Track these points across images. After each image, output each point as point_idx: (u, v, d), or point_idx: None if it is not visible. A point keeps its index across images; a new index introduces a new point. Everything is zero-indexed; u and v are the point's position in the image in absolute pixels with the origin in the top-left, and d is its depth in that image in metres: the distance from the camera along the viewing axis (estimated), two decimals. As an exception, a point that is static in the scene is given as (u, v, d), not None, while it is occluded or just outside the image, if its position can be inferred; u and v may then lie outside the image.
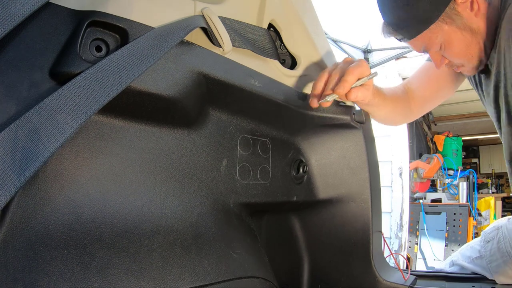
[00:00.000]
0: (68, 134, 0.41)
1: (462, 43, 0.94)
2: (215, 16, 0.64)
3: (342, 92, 0.78)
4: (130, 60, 0.48)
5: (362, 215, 0.94)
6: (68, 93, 0.43)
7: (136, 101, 0.54)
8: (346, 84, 0.78)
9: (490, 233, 1.14)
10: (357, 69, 0.79)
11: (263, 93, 0.74)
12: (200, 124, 0.68)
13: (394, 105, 1.08)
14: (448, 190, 4.36)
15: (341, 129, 0.95)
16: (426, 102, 1.21)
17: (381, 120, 1.10)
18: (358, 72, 0.79)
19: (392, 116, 1.13)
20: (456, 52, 0.96)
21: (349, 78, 0.78)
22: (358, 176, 0.95)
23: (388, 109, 1.06)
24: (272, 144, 0.85)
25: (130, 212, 0.55)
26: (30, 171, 0.38)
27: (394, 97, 1.10)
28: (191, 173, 0.66)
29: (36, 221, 0.45)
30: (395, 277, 0.97)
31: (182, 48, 0.60)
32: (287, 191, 0.88)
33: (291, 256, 1.00)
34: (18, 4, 0.39)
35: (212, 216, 0.67)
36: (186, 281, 0.57)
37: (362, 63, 0.81)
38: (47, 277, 0.44)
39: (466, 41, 0.94)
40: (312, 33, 0.90)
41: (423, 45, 0.97)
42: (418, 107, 1.19)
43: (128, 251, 0.52)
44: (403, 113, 1.17)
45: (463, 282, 1.11)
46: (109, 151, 0.54)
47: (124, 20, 0.52)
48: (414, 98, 1.17)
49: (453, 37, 0.93)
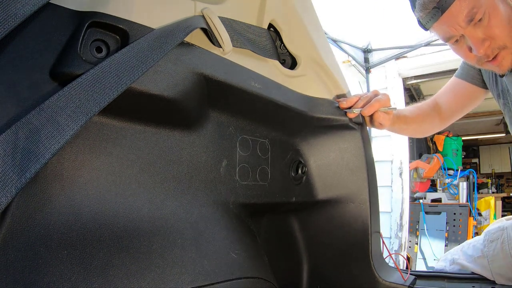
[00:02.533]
0: (68, 136, 0.41)
1: (506, 16, 0.89)
2: (215, 17, 0.64)
3: (367, 112, 0.97)
4: (131, 62, 0.48)
5: (361, 216, 0.94)
6: (68, 95, 0.43)
7: (136, 102, 0.55)
8: (372, 108, 0.96)
9: (495, 233, 1.13)
10: (383, 100, 0.98)
11: (262, 94, 0.74)
12: (200, 125, 0.68)
13: (419, 123, 1.26)
14: (448, 190, 4.36)
15: (339, 130, 0.95)
16: (452, 116, 1.32)
17: (408, 135, 1.28)
18: (383, 102, 0.98)
19: (418, 132, 1.34)
20: (500, 25, 0.89)
21: (375, 104, 0.97)
22: (356, 176, 0.95)
23: (412, 128, 1.25)
24: (271, 145, 0.85)
25: (130, 212, 0.55)
26: (31, 172, 0.38)
27: (420, 115, 1.26)
28: (191, 174, 0.66)
29: (36, 221, 0.45)
30: (394, 277, 0.97)
31: (182, 49, 0.60)
32: (286, 192, 0.88)
33: (290, 256, 1.00)
34: (18, 4, 0.39)
35: (211, 217, 0.67)
36: (186, 281, 0.57)
37: (387, 96, 1.00)
38: (47, 278, 0.44)
39: (509, 15, 0.89)
40: (312, 33, 0.90)
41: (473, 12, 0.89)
42: (445, 120, 1.32)
43: (128, 252, 0.52)
44: (431, 126, 1.32)
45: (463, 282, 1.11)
46: (109, 152, 0.54)
47: (124, 21, 0.52)
48: (441, 113, 1.31)
49: (498, 8, 0.89)
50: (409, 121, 1.21)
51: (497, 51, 0.93)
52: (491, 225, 1.18)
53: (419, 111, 1.28)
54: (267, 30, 0.80)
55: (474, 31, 0.91)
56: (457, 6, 0.90)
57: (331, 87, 1.00)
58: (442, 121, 1.31)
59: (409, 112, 1.25)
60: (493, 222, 1.23)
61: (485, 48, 0.92)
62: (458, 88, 1.26)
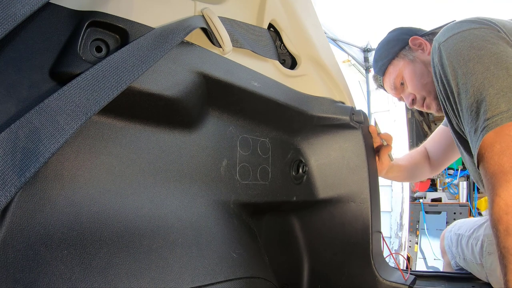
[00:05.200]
0: (68, 135, 0.41)
1: (415, 73, 1.12)
2: (215, 16, 0.64)
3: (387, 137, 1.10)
4: (130, 61, 0.48)
5: (362, 215, 0.94)
6: (68, 94, 0.43)
7: (136, 102, 0.54)
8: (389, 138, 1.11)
9: (493, 245, 1.12)
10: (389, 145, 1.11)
11: (263, 93, 0.74)
12: (200, 124, 0.68)
13: (412, 170, 1.36)
14: (448, 190, 4.36)
15: (340, 129, 0.95)
16: (441, 164, 1.40)
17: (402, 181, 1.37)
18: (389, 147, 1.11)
19: (411, 178, 1.46)
20: (412, 81, 1.13)
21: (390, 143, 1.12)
22: (357, 176, 0.95)
23: (406, 175, 1.35)
24: (272, 144, 0.85)
25: (130, 212, 0.55)
26: (31, 172, 0.38)
27: (412, 163, 1.37)
28: (191, 174, 0.66)
29: (36, 221, 0.45)
30: (394, 277, 0.97)
31: (182, 48, 0.60)
32: (287, 191, 0.88)
33: (291, 256, 1.00)
34: (18, 4, 0.39)
35: (212, 216, 0.67)
36: (186, 281, 0.57)
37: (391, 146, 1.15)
38: (47, 277, 0.44)
39: (419, 71, 1.11)
40: (312, 33, 0.90)
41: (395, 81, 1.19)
42: (435, 168, 1.41)
43: (128, 251, 0.52)
44: (421, 173, 1.41)
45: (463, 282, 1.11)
46: (109, 151, 0.54)
47: (124, 20, 0.52)
48: (431, 161, 1.40)
49: (408, 68, 1.14)
50: (402, 169, 1.32)
51: (421, 102, 1.16)
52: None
53: (411, 159, 1.39)
54: (267, 30, 0.80)
55: (403, 93, 1.21)
56: (385, 81, 1.24)
57: (331, 87, 1.00)
58: (432, 169, 1.41)
59: (403, 161, 1.35)
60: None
61: (410, 102, 1.18)
62: (444, 136, 1.35)
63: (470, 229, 1.23)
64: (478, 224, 1.21)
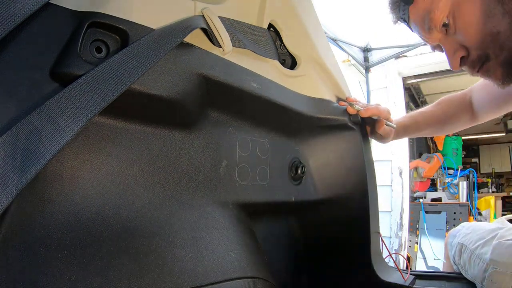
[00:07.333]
0: (69, 136, 0.41)
1: (478, 10, 0.65)
2: (215, 17, 0.64)
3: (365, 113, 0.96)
4: (131, 62, 0.48)
5: (360, 215, 0.94)
6: (69, 96, 0.43)
7: (136, 102, 0.55)
8: (369, 111, 0.97)
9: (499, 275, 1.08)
10: (382, 109, 1.00)
11: (262, 94, 0.74)
12: (200, 125, 0.68)
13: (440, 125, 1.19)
14: (448, 190, 4.36)
15: (339, 130, 0.95)
16: (489, 115, 1.15)
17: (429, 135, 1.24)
18: (382, 111, 1.01)
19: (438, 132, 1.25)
20: (472, 25, 0.67)
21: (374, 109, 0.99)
22: (355, 176, 0.95)
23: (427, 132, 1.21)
24: (271, 145, 0.85)
25: (129, 212, 0.55)
26: (31, 173, 0.38)
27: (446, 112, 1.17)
28: (190, 174, 0.66)
29: (36, 221, 0.45)
30: (394, 277, 0.97)
31: (182, 49, 0.60)
32: (286, 191, 0.88)
33: (290, 256, 1.00)
34: (18, 4, 0.39)
35: (211, 217, 0.67)
36: (186, 281, 0.57)
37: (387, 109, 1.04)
38: (47, 278, 0.44)
39: (486, 9, 0.65)
40: (312, 33, 0.90)
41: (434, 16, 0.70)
42: (478, 117, 1.17)
43: (128, 252, 0.52)
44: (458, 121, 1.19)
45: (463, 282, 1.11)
46: (109, 152, 0.54)
47: (124, 21, 0.52)
48: (475, 108, 1.15)
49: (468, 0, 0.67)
50: (421, 127, 1.18)
51: (478, 64, 0.72)
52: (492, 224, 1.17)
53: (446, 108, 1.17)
54: (267, 30, 0.80)
55: (445, 40, 0.74)
56: (413, 14, 0.75)
57: (331, 87, 1.00)
58: (473, 119, 1.15)
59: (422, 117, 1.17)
60: (494, 222, 1.22)
61: (457, 60, 0.74)
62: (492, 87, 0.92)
63: (475, 242, 1.10)
64: (485, 238, 1.06)
